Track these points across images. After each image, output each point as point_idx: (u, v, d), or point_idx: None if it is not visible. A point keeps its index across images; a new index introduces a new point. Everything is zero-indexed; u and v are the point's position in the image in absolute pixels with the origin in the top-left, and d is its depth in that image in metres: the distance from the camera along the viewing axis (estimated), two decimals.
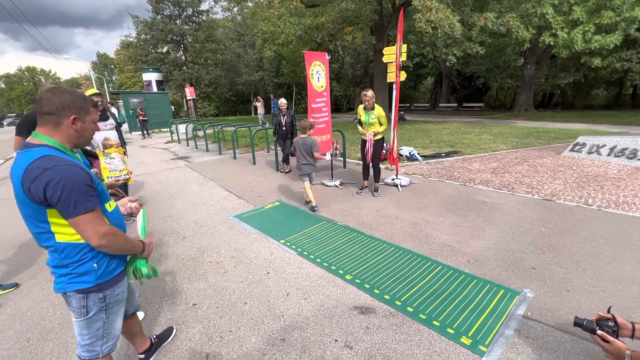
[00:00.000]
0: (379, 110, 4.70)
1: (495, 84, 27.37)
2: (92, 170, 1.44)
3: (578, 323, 1.65)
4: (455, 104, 25.06)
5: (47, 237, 1.29)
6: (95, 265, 1.37)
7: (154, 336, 2.09)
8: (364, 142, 4.88)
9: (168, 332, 2.19)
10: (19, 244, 3.72)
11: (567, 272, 2.79)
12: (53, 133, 1.28)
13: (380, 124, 4.75)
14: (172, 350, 2.09)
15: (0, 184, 6.91)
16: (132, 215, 1.75)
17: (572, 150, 7.07)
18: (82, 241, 1.31)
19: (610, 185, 5.00)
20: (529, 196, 4.74)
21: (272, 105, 17.04)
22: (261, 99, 17.97)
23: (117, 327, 1.56)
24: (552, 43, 12.73)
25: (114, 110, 11.10)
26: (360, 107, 4.82)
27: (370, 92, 4.63)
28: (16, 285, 2.90)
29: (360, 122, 4.89)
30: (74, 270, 1.33)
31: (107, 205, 1.45)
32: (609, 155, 6.33)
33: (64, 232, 1.29)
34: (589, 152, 6.66)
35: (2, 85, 63.97)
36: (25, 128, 2.79)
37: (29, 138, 1.30)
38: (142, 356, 1.97)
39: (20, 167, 1.19)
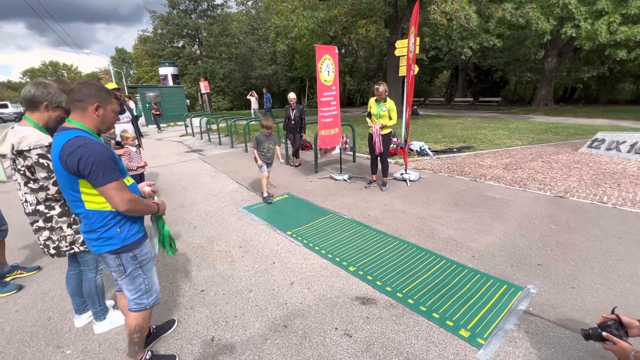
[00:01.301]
0: (390, 103, 4.69)
1: (513, 78, 26.48)
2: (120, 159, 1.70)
3: (587, 335, 1.64)
4: (472, 99, 24.48)
5: (78, 204, 1.54)
6: (118, 230, 1.60)
7: (154, 326, 2.16)
8: (371, 135, 4.88)
9: (169, 324, 2.23)
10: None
11: (574, 270, 2.75)
12: (81, 117, 1.54)
13: (390, 118, 4.73)
14: (180, 332, 2.20)
15: None
16: (144, 198, 1.90)
17: (590, 146, 6.84)
18: (107, 209, 1.56)
19: (628, 183, 4.84)
20: (541, 193, 4.64)
21: (265, 99, 16.73)
22: (255, 94, 17.56)
23: (156, 282, 1.85)
24: (574, 35, 12.25)
25: (131, 104, 11.46)
26: (372, 99, 4.82)
27: (382, 86, 4.62)
28: (39, 268, 3.09)
29: (369, 115, 4.89)
30: (102, 235, 1.58)
31: (126, 180, 1.67)
32: (629, 152, 6.10)
33: (92, 200, 1.53)
34: (608, 149, 6.44)
35: (28, 80, 66.48)
36: None
37: (65, 123, 1.55)
38: None
39: (58, 145, 1.46)
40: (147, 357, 1.90)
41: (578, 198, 4.39)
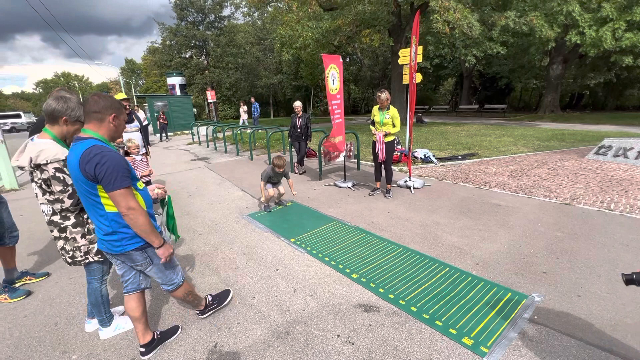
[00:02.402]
0: (393, 111, 4.74)
1: (519, 85, 26.47)
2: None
3: (630, 280, 1.54)
4: (477, 106, 24.43)
5: (99, 207, 1.67)
6: None
7: (158, 332, 2.17)
8: (375, 143, 4.92)
9: (173, 330, 2.25)
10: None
11: (580, 278, 2.72)
12: (98, 128, 1.68)
13: (394, 125, 4.77)
14: (184, 338, 2.22)
15: None
16: (155, 201, 2.14)
17: (596, 153, 6.77)
18: None
19: (636, 190, 4.77)
20: (547, 200, 4.61)
21: (252, 109, 16.46)
22: (245, 105, 17.12)
23: (177, 261, 2.06)
24: (579, 42, 12.24)
25: (142, 113, 11.77)
26: (375, 107, 4.88)
27: (384, 94, 4.67)
28: (47, 274, 3.15)
29: (373, 123, 4.94)
30: (127, 233, 1.72)
31: (138, 184, 1.83)
32: (636, 158, 6.03)
33: (111, 203, 1.65)
34: (615, 155, 6.37)
35: (41, 90, 68.28)
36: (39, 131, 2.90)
37: (80, 133, 1.68)
38: (143, 349, 2.04)
39: (77, 154, 1.58)
40: (209, 299, 2.40)
41: (585, 205, 4.34)
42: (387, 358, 1.97)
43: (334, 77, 5.65)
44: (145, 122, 12.18)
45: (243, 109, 16.76)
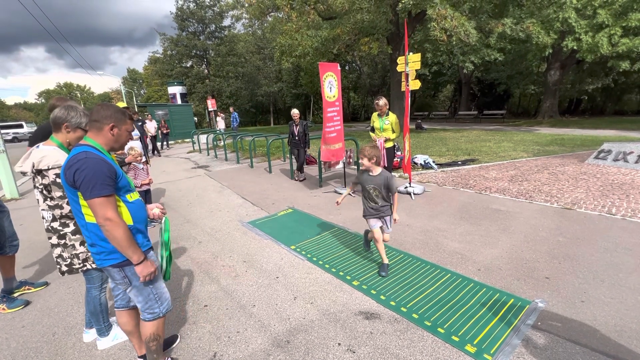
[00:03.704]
0: (392, 116, 4.77)
1: (517, 91, 26.64)
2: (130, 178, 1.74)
3: None
4: (476, 112, 24.56)
5: (80, 216, 1.61)
6: None
7: None
8: None
9: (171, 339, 2.23)
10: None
11: (583, 283, 2.69)
12: (96, 136, 1.66)
13: (393, 131, 4.80)
14: (182, 348, 2.19)
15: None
16: (153, 221, 1.98)
17: (596, 157, 6.78)
18: None
19: (637, 194, 4.76)
20: (548, 205, 4.59)
21: (231, 119, 16.27)
22: (223, 115, 16.82)
23: (165, 289, 1.85)
24: (575, 47, 12.36)
25: (153, 123, 11.89)
26: (375, 113, 4.93)
27: (382, 100, 4.71)
28: (46, 284, 3.13)
29: (373, 129, 4.96)
30: (103, 249, 1.61)
31: (128, 196, 1.68)
32: (637, 162, 6.03)
33: (90, 213, 1.57)
34: (615, 160, 6.37)
35: (43, 101, 68.84)
36: (40, 140, 2.89)
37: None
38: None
39: (66, 160, 1.57)
40: None
41: (586, 210, 4.32)
42: None
43: (331, 85, 5.70)
44: (154, 133, 12.32)
45: (220, 116, 16.43)
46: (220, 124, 16.32)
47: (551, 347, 2.02)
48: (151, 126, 12.60)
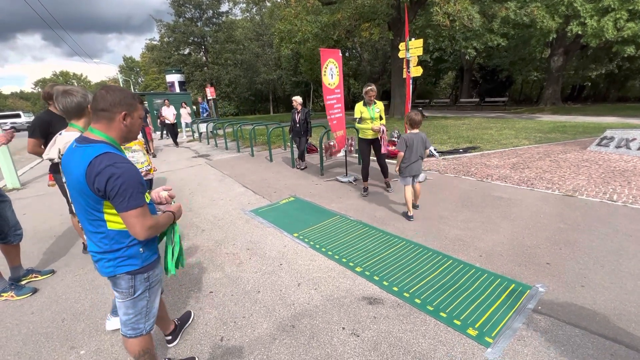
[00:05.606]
0: (379, 103, 4.68)
1: (519, 77, 26.30)
2: None
3: None
4: (477, 99, 24.33)
5: (100, 224, 1.40)
6: (141, 249, 1.49)
7: (177, 319, 2.26)
8: (363, 141, 4.83)
9: (187, 315, 2.36)
10: (55, 236, 4.04)
11: (584, 268, 2.72)
12: (107, 129, 1.40)
13: (381, 118, 4.72)
14: (190, 332, 2.24)
15: (37, 181, 7.44)
16: (160, 204, 1.86)
17: (598, 144, 6.75)
18: None
19: (638, 181, 4.76)
20: (549, 192, 4.60)
21: (201, 110, 15.15)
22: (187, 106, 14.32)
23: (157, 306, 1.70)
24: (580, 32, 12.13)
25: (170, 109, 11.40)
26: (359, 104, 4.69)
27: (373, 85, 4.63)
28: (53, 272, 3.17)
29: (360, 120, 4.77)
30: (124, 253, 1.45)
31: (147, 196, 1.56)
32: (639, 149, 6.01)
33: (115, 220, 1.40)
34: (617, 147, 6.34)
35: (40, 90, 68.12)
36: (38, 130, 2.84)
37: (85, 132, 1.44)
38: (170, 337, 2.13)
39: (84, 160, 1.29)
40: None
41: (587, 196, 4.34)
42: (392, 349, 1.99)
43: (332, 72, 5.62)
44: (173, 120, 11.39)
45: (185, 110, 14.09)
46: (185, 117, 14.03)
47: (551, 330, 2.06)
48: (169, 113, 11.50)
